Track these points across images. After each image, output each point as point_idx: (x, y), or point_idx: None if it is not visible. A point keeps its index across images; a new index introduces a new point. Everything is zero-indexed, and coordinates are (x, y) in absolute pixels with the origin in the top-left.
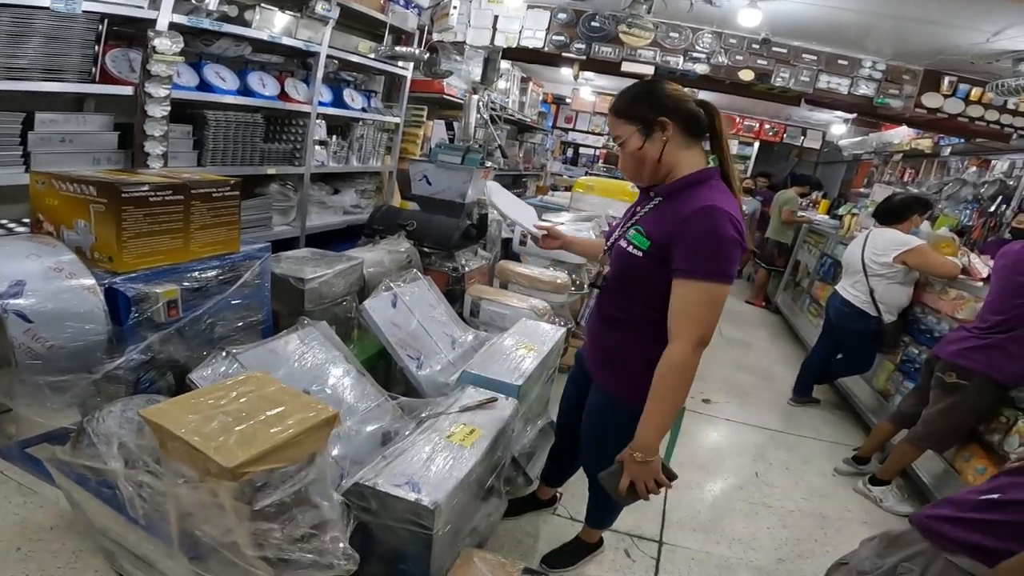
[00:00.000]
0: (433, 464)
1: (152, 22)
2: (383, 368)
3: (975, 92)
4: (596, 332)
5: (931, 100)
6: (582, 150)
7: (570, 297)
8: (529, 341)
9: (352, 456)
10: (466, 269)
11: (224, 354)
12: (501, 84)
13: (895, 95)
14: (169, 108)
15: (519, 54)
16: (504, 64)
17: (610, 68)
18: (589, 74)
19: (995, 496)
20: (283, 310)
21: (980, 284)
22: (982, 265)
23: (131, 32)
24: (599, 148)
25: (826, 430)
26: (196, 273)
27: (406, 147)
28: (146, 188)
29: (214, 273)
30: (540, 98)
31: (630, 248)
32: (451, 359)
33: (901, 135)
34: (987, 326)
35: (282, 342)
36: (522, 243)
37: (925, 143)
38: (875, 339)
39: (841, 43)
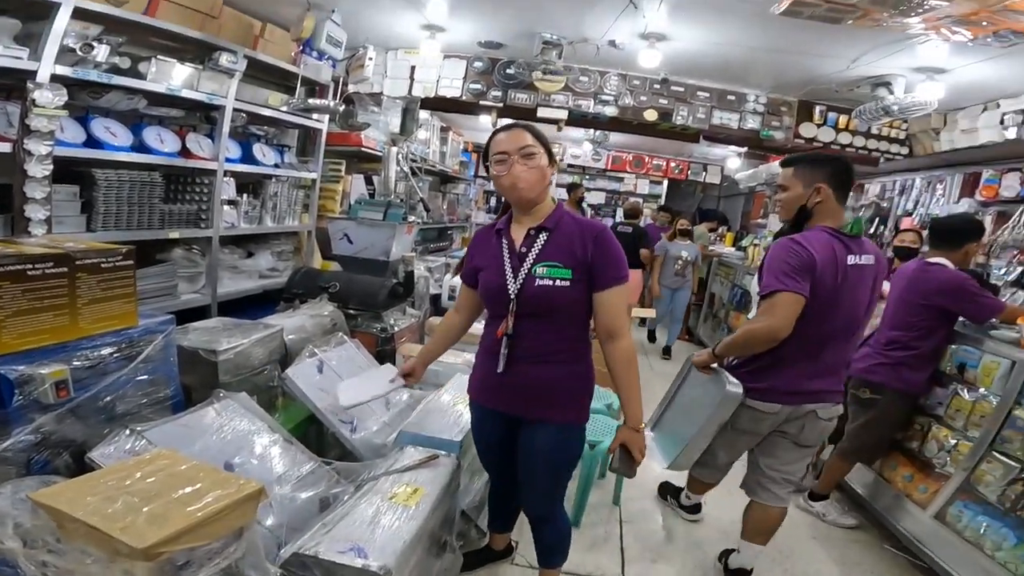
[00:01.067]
0: (378, 527)
1: (32, 74)
2: (314, 434)
3: (843, 120)
4: (528, 376)
5: (807, 130)
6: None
7: None
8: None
9: (289, 524)
10: (395, 329)
11: (128, 431)
12: (421, 134)
13: (777, 127)
14: (51, 167)
15: (437, 103)
16: (423, 114)
17: (526, 114)
18: (507, 121)
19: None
20: (195, 383)
21: None
22: None
23: (8, 83)
24: None
25: None
26: (87, 351)
27: (324, 204)
28: (22, 261)
29: (109, 350)
30: (461, 147)
31: (557, 283)
32: (387, 420)
33: None
34: (887, 341)
35: (196, 416)
36: (451, 298)
37: None
38: None
39: (728, 79)
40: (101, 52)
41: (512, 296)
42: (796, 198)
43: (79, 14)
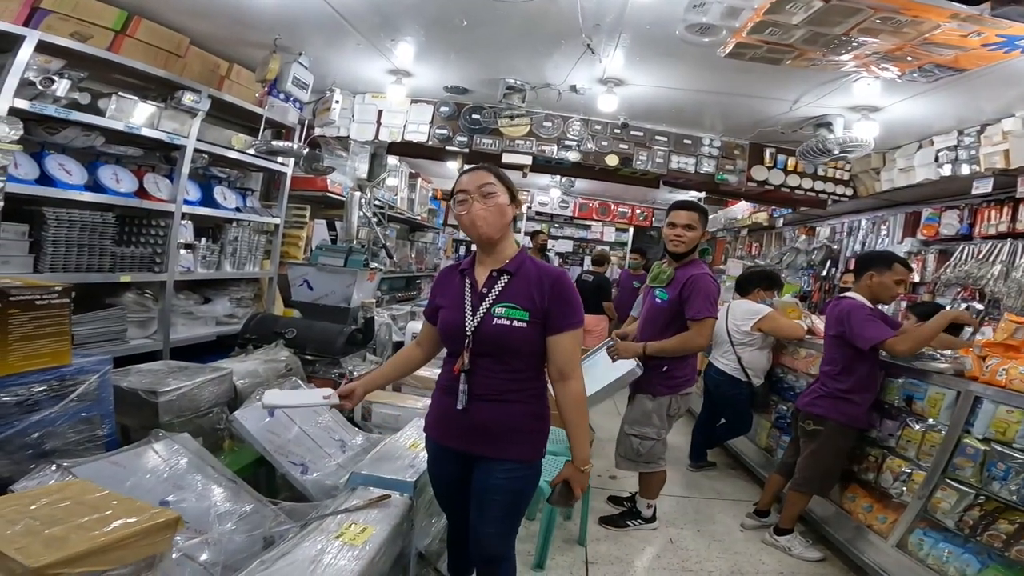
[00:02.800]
0: (320, 566)
1: None
2: (264, 476)
3: (791, 162)
4: (484, 414)
5: (758, 173)
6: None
7: None
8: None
9: (228, 562)
10: (354, 375)
11: (54, 467)
12: (390, 181)
13: (731, 171)
14: (1, 204)
15: (404, 149)
16: (392, 160)
17: (491, 160)
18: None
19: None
20: (135, 424)
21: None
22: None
23: None
24: None
25: (726, 490)
26: (16, 387)
27: (287, 250)
28: None
29: (39, 388)
30: (429, 195)
31: (514, 323)
32: (340, 462)
33: (742, 210)
34: (823, 377)
35: (131, 454)
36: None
37: (762, 216)
38: (749, 402)
39: (683, 123)
40: (61, 87)
41: (469, 333)
42: (699, 236)
43: (43, 47)
